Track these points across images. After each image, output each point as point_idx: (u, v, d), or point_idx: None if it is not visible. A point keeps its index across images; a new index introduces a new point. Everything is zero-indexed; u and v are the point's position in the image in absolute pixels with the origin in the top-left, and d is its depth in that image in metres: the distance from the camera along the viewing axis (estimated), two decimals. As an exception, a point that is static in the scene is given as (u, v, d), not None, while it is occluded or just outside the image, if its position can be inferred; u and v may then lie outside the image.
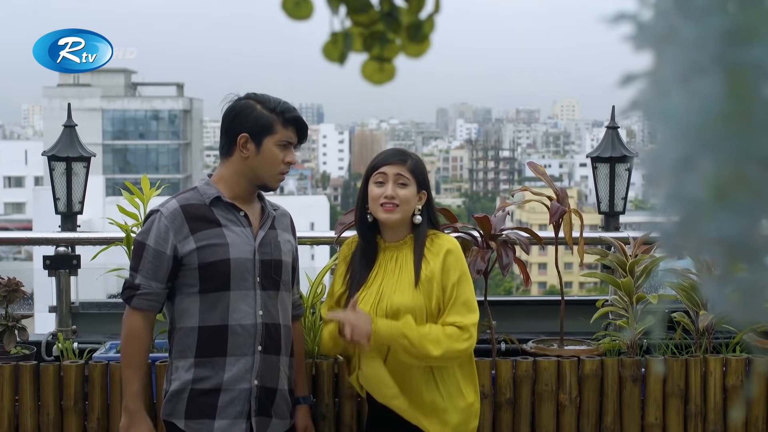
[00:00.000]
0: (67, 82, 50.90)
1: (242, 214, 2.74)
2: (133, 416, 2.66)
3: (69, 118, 4.21)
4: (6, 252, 26.85)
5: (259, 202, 2.84)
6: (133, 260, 2.73)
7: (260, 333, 2.69)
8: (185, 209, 2.69)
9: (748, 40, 0.65)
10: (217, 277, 2.66)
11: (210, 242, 2.67)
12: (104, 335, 3.87)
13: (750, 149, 0.65)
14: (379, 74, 0.97)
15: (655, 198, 0.70)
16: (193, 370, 2.67)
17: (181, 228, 2.67)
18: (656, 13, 0.70)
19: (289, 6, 0.95)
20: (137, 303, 2.70)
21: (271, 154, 2.70)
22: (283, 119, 2.71)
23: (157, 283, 2.68)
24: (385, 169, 2.74)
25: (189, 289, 2.68)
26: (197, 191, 2.76)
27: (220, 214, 2.72)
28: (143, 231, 2.72)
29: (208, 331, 2.67)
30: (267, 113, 2.71)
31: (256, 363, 2.69)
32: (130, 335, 2.71)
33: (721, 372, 3.38)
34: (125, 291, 2.74)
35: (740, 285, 0.68)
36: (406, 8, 0.97)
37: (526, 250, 3.50)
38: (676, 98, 0.68)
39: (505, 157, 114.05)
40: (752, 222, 0.66)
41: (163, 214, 2.69)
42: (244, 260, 2.69)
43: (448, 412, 2.70)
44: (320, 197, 56.03)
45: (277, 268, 2.77)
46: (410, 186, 2.73)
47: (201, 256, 2.65)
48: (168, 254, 2.66)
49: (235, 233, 2.70)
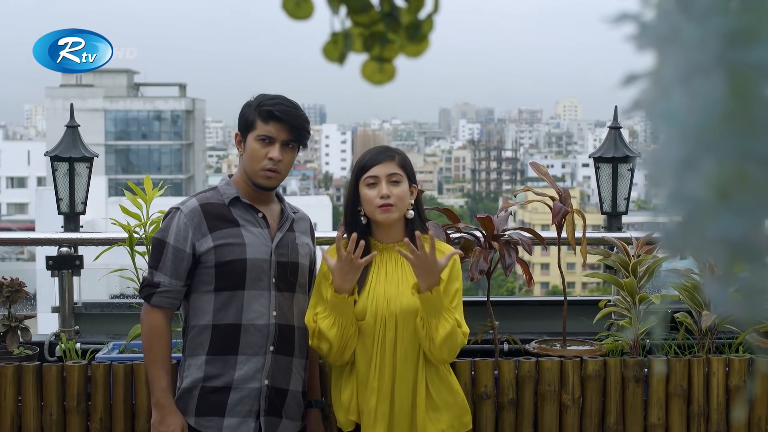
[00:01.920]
0: (69, 83, 50.93)
1: (260, 216, 2.76)
2: (165, 411, 2.68)
3: (72, 118, 4.21)
4: (9, 252, 26.87)
5: (278, 204, 2.85)
6: (153, 258, 2.74)
7: (273, 333, 2.71)
8: (204, 208, 2.72)
9: (750, 41, 0.65)
10: (233, 276, 2.68)
11: (227, 241, 2.68)
12: (107, 335, 3.88)
13: (752, 149, 0.65)
14: (379, 74, 0.97)
15: (657, 198, 0.70)
16: (205, 367, 2.69)
17: (200, 226, 2.69)
18: (658, 14, 0.70)
19: (290, 6, 0.95)
20: (157, 300, 2.71)
21: (251, 149, 2.71)
22: (260, 113, 2.70)
23: (177, 281, 2.70)
24: (376, 170, 2.68)
25: (204, 287, 2.70)
26: (217, 191, 2.78)
27: (238, 214, 2.73)
28: (163, 229, 2.74)
29: (222, 329, 2.69)
30: (251, 110, 2.73)
31: (267, 363, 2.70)
32: (152, 333, 2.71)
33: (723, 372, 3.37)
34: (144, 288, 2.74)
35: (743, 285, 0.68)
36: (406, 8, 0.96)
37: (529, 251, 3.49)
38: (678, 98, 0.67)
39: (507, 158, 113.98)
40: (754, 222, 0.66)
41: (182, 211, 2.71)
42: (260, 261, 2.70)
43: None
44: (323, 197, 56.06)
45: (294, 270, 2.78)
46: (403, 182, 2.71)
47: (218, 254, 2.67)
48: (188, 252, 2.68)
49: (252, 234, 2.72)
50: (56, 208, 4.15)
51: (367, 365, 2.68)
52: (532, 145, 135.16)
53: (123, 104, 54.52)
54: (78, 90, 51.66)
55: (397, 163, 2.71)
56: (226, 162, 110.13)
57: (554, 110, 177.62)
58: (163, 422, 2.68)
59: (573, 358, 3.38)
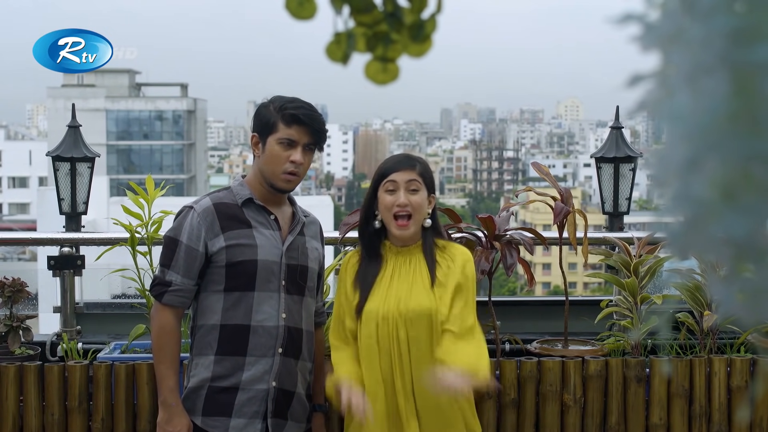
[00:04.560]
0: (71, 83, 50.99)
1: (273, 218, 2.76)
2: (173, 410, 2.67)
3: (73, 118, 4.22)
4: (10, 252, 26.89)
5: (290, 207, 2.85)
6: (164, 256, 2.73)
7: (282, 336, 2.71)
8: (217, 207, 2.71)
9: (754, 40, 0.65)
10: (243, 277, 2.68)
11: (239, 242, 2.68)
12: (108, 335, 3.88)
13: (757, 149, 0.65)
14: (382, 74, 0.97)
15: (661, 198, 0.70)
16: (213, 367, 2.68)
17: (213, 225, 2.68)
18: (663, 14, 0.70)
19: (293, 6, 0.95)
20: (169, 299, 2.70)
21: (272, 152, 2.70)
22: (283, 117, 2.70)
23: (189, 280, 2.70)
24: (396, 176, 2.71)
25: (214, 286, 2.70)
26: (230, 191, 2.78)
27: (250, 215, 2.74)
28: (175, 227, 2.73)
29: (230, 329, 2.69)
30: (272, 112, 2.72)
31: (275, 365, 2.70)
32: (162, 332, 2.71)
33: (725, 372, 3.37)
34: (156, 287, 2.73)
35: (747, 285, 0.68)
36: (409, 8, 0.96)
37: (530, 251, 3.49)
38: (683, 98, 0.67)
39: (509, 158, 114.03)
40: (759, 222, 0.66)
41: (195, 210, 2.71)
42: (270, 263, 2.70)
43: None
44: (324, 197, 56.03)
45: (303, 273, 2.79)
46: (421, 191, 2.72)
47: (229, 254, 2.67)
48: (200, 251, 2.68)
49: (264, 236, 2.72)
50: (58, 208, 4.15)
51: (387, 367, 2.67)
52: (533, 145, 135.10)
53: (125, 104, 54.55)
54: (80, 90, 51.70)
55: (417, 171, 2.73)
56: (227, 162, 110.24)
57: (556, 110, 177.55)
58: (170, 422, 2.67)
59: (575, 358, 3.38)
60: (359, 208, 2.92)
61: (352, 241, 3.70)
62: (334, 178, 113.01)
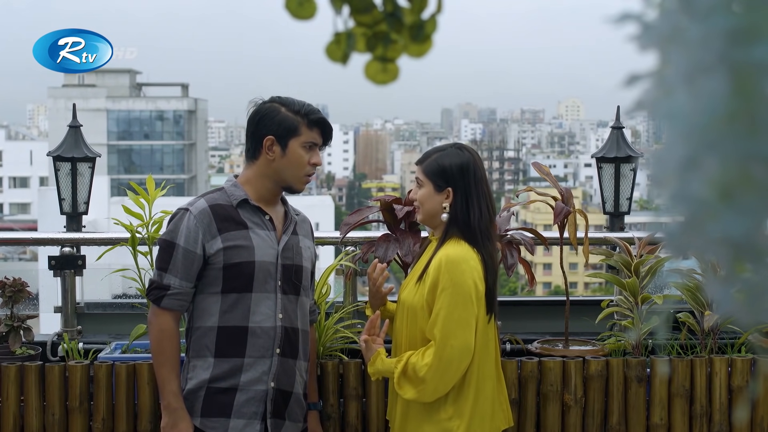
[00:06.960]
0: (72, 83, 51.04)
1: (267, 218, 2.76)
2: (177, 415, 2.67)
3: (74, 118, 4.22)
4: (11, 252, 26.91)
5: (282, 207, 2.86)
6: (161, 259, 2.71)
7: (279, 336, 2.71)
8: (213, 209, 2.70)
9: (753, 40, 0.65)
10: (241, 279, 2.67)
11: (236, 243, 2.68)
12: (109, 335, 3.88)
13: (755, 149, 0.65)
14: (382, 74, 0.97)
15: (660, 198, 0.70)
16: (211, 369, 2.68)
17: (210, 227, 2.67)
18: (661, 13, 0.70)
19: (293, 6, 0.95)
20: (168, 303, 2.69)
21: (296, 155, 2.72)
22: (308, 121, 2.73)
23: (188, 283, 2.69)
24: (416, 169, 2.84)
25: (211, 288, 2.69)
26: (224, 192, 2.76)
27: (246, 216, 2.73)
28: (171, 230, 2.71)
29: (228, 331, 2.68)
30: (292, 115, 2.72)
31: (273, 366, 2.70)
32: (162, 335, 2.69)
33: (726, 372, 3.37)
34: (153, 291, 2.71)
35: (745, 285, 0.68)
36: (409, 8, 0.96)
37: (531, 251, 3.49)
38: (682, 98, 0.67)
39: (509, 158, 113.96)
40: (758, 222, 0.66)
41: (192, 212, 2.69)
42: (267, 264, 2.70)
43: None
44: (325, 197, 56.04)
45: (298, 273, 2.80)
46: (425, 186, 2.76)
47: (227, 256, 2.67)
48: (198, 253, 2.67)
49: (260, 236, 2.72)
50: (59, 208, 4.16)
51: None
52: (534, 145, 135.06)
53: (125, 104, 54.59)
54: (80, 90, 51.74)
55: (422, 167, 2.80)
56: (228, 162, 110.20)
57: (556, 110, 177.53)
58: (175, 426, 2.66)
59: (575, 358, 3.38)
60: (360, 208, 2.98)
61: (353, 241, 3.70)
62: (335, 178, 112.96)
